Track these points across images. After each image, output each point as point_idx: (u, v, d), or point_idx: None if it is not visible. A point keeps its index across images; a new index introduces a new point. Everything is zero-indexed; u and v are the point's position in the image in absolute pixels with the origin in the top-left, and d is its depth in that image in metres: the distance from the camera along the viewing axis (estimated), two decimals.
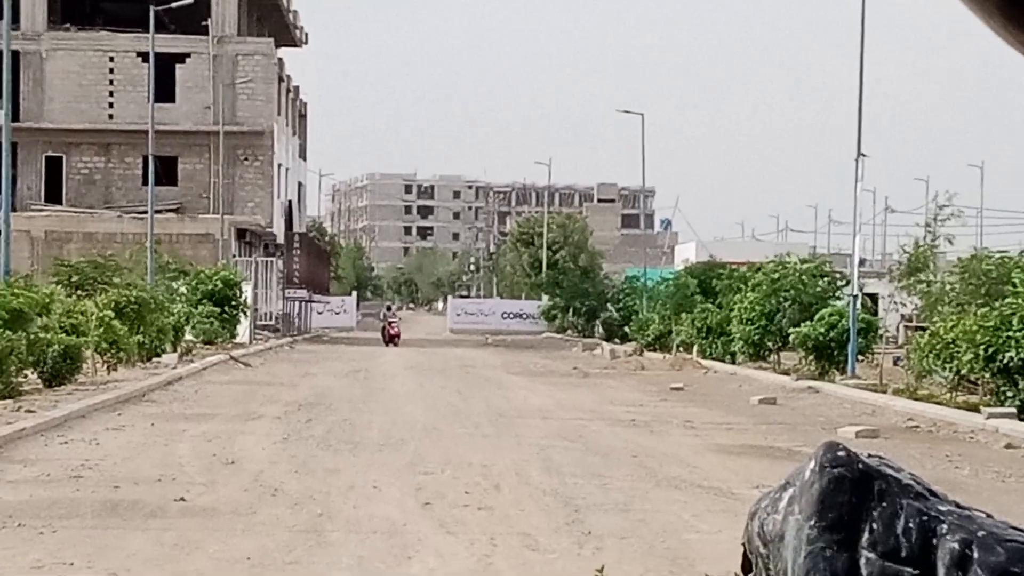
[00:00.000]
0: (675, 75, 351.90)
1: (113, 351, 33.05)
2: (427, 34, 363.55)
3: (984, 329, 25.71)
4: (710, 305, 48.42)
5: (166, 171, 65.65)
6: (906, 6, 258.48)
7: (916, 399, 28.73)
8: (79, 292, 40.09)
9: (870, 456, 5.14)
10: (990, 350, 25.36)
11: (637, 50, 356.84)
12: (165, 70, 65.94)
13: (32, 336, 26.80)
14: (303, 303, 76.66)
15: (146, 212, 53.74)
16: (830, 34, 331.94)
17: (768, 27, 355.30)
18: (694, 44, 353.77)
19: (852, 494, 4.53)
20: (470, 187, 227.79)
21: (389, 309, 67.14)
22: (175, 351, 40.50)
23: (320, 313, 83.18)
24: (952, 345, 27.21)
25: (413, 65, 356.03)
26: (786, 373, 38.18)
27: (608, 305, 75.29)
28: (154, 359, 37.63)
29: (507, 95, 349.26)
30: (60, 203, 68.95)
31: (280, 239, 74.82)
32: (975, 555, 4.75)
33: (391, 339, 61.97)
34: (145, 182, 59.25)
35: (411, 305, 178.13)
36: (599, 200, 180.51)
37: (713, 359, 45.28)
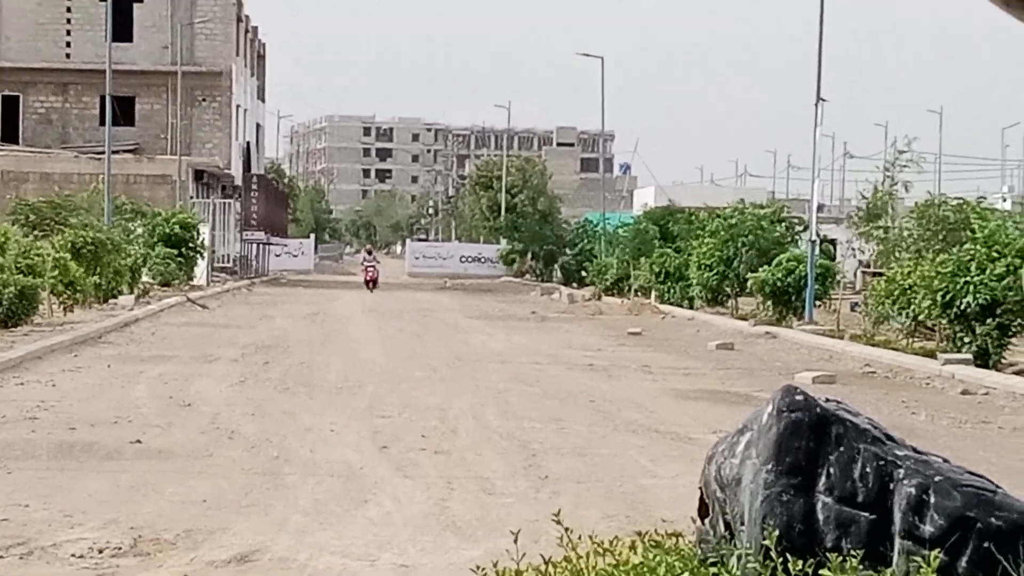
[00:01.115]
0: (635, 18, 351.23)
1: (70, 292, 32.84)
2: None
3: (941, 275, 25.76)
4: (668, 250, 48.47)
5: (123, 111, 65.18)
6: None
7: (873, 345, 28.84)
8: (36, 232, 39.83)
9: (828, 401, 5.17)
10: (947, 296, 25.42)
11: None
12: (123, 9, 65.44)
13: None
14: (261, 245, 76.45)
15: (103, 152, 53.34)
16: None
17: None
18: None
19: (809, 439, 4.55)
20: (429, 130, 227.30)
21: (370, 253, 65.98)
22: (132, 293, 40.31)
23: (278, 255, 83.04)
24: (909, 291, 27.28)
25: (373, 7, 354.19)
26: (744, 318, 38.28)
27: (566, 249, 75.28)
28: (111, 301, 37.48)
29: (467, 37, 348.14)
30: (16, 143, 68.42)
31: (238, 181, 74.45)
32: (931, 500, 4.77)
33: (368, 283, 60.29)
34: (102, 122, 58.80)
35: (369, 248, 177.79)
36: (558, 144, 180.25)
37: (671, 304, 45.37)
